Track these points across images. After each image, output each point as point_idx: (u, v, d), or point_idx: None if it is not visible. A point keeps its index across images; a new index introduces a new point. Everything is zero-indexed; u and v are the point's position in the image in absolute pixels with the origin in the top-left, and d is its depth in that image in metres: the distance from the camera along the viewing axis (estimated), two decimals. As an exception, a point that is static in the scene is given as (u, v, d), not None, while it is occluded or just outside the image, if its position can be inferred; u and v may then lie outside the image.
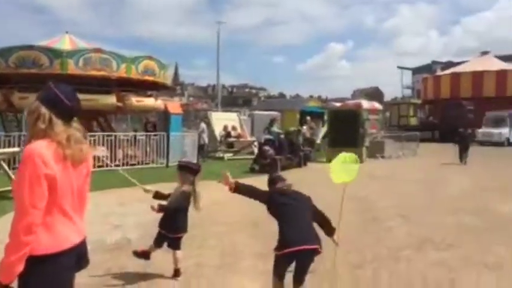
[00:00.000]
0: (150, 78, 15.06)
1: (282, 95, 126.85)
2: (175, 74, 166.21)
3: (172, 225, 4.50)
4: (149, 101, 15.52)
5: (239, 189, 3.82)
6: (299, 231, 3.62)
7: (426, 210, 8.15)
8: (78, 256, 2.34)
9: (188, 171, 4.66)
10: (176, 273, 4.45)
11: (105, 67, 13.68)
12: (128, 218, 7.01)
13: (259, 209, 8.01)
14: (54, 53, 13.22)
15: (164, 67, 15.95)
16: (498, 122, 30.89)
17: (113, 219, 6.96)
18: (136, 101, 14.80)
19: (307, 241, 3.57)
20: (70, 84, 9.68)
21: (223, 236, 6.07)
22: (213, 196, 9.27)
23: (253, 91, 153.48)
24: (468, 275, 4.64)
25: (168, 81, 16.88)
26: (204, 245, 5.69)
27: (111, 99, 14.15)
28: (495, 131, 29.84)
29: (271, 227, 6.68)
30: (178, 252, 4.53)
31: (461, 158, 17.82)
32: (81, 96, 9.14)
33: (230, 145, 20.33)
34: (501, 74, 38.36)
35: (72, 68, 13.17)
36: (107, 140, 13.77)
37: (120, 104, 14.32)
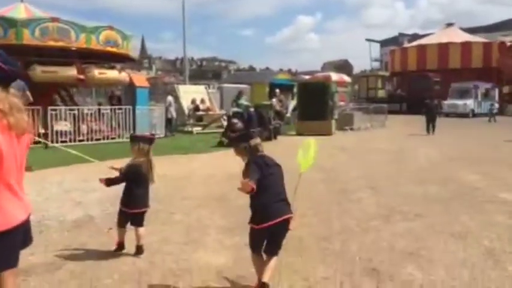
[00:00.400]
0: (113, 50, 14.47)
1: (251, 68, 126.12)
2: (142, 47, 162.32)
3: (130, 200, 4.28)
4: (112, 74, 14.94)
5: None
6: (279, 201, 3.48)
7: (394, 180, 8.19)
8: (24, 233, 2.21)
9: (141, 141, 4.41)
10: (138, 250, 4.26)
11: (63, 37, 13.04)
12: (90, 195, 6.73)
13: (225, 183, 7.91)
14: (8, 22, 12.49)
15: (127, 38, 15.33)
16: (463, 94, 31.58)
17: (75, 196, 6.67)
18: (98, 73, 14.21)
19: (285, 211, 3.45)
20: (27, 55, 9.17)
21: (190, 211, 5.89)
22: (180, 171, 9.10)
23: (223, 64, 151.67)
24: (435, 244, 4.64)
25: (132, 53, 16.26)
26: (169, 220, 5.51)
27: (71, 72, 13.55)
28: (460, 102, 30.51)
29: (237, 201, 6.58)
30: (141, 229, 4.32)
31: (428, 129, 18.16)
32: (39, 68, 8.73)
33: (199, 119, 20.00)
34: (466, 46, 39.02)
35: (28, 37, 12.49)
36: (70, 114, 13.24)
37: (81, 77, 13.74)
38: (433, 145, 14.01)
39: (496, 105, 30.17)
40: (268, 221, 3.36)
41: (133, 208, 4.29)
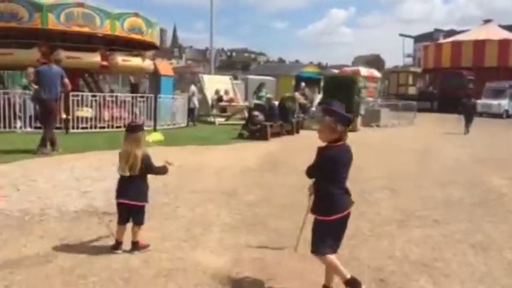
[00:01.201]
0: (137, 37, 14.38)
1: (281, 61, 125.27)
2: (174, 36, 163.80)
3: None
4: (136, 61, 14.88)
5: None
6: (348, 191, 3.28)
7: (416, 182, 7.78)
8: None
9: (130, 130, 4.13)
10: (134, 246, 4.07)
11: (88, 23, 13.01)
12: (99, 184, 6.61)
13: (238, 177, 7.68)
14: (34, 6, 12.52)
15: (152, 25, 15.22)
16: (498, 93, 30.34)
17: (84, 184, 6.55)
18: (122, 60, 14.17)
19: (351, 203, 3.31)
20: (52, 40, 9.04)
21: (196, 205, 5.68)
22: (194, 162, 8.92)
23: (253, 56, 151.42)
24: (452, 256, 4.28)
25: (157, 41, 16.15)
26: (172, 215, 5.31)
27: (95, 58, 13.55)
28: (494, 102, 29.32)
29: (247, 196, 6.35)
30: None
31: (466, 128, 17.51)
32: (63, 53, 8.57)
33: (223, 110, 19.83)
34: (503, 44, 37.46)
35: (53, 22, 12.51)
36: (91, 101, 13.25)
37: (105, 63, 13.73)
38: (461, 146, 13.41)
39: None
40: (342, 211, 3.23)
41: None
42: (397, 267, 3.94)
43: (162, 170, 4.20)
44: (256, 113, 13.96)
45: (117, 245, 4.05)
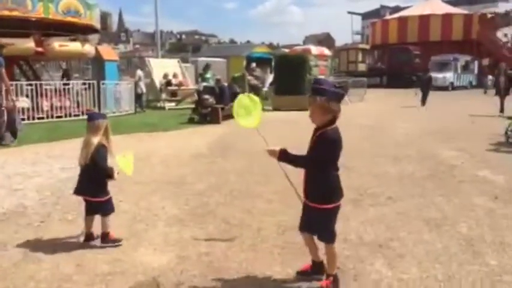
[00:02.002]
0: (74, 20, 13.46)
1: (233, 42, 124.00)
2: (120, 20, 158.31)
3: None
4: (75, 46, 13.97)
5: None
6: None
7: (369, 159, 7.70)
8: None
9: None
10: (103, 238, 3.84)
11: (18, 6, 12.02)
12: (32, 180, 6.07)
13: (187, 165, 7.31)
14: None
15: (90, 7, 14.27)
16: (442, 67, 31.23)
17: (15, 182, 5.98)
18: (59, 45, 13.25)
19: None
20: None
21: (140, 198, 5.28)
22: (140, 150, 8.42)
23: (203, 38, 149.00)
24: (407, 234, 4.15)
25: (97, 24, 15.23)
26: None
27: (28, 44, 12.59)
28: (439, 75, 30.11)
29: (196, 185, 6.01)
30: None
31: (423, 101, 18.19)
32: None
33: (173, 94, 19.19)
34: (447, 18, 38.55)
35: (-22, 7, 11.45)
36: (28, 90, 12.33)
37: (40, 49, 12.79)
38: (411, 120, 13.59)
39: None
40: (339, 198, 3.06)
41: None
42: (353, 251, 3.76)
43: (106, 171, 3.82)
44: (206, 96, 13.53)
45: (88, 237, 3.87)
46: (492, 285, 3.16)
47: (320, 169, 3.00)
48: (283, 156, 3.06)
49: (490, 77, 27.72)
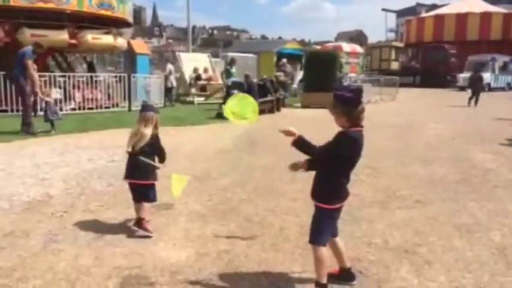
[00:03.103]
0: (107, 13, 13.64)
1: (264, 38, 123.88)
2: (154, 14, 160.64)
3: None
4: (108, 39, 14.15)
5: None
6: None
7: (399, 159, 7.47)
8: None
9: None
10: (137, 223, 3.96)
11: (53, -1, 12.24)
12: (60, 170, 6.14)
13: (212, 159, 7.26)
14: (-7, -18, 11.71)
15: (123, 1, 14.44)
16: (480, 67, 30.15)
17: (42, 171, 6.06)
18: (92, 38, 13.44)
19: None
20: (15, 18, 8.46)
21: (162, 193, 5.20)
22: (167, 144, 8.39)
23: (235, 33, 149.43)
24: (436, 240, 3.97)
25: (129, 17, 15.39)
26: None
27: (62, 36, 12.81)
28: (476, 75, 29.11)
29: (221, 180, 5.95)
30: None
31: (470, 101, 18.32)
32: (28, 31, 8.00)
33: (202, 89, 19.24)
34: (485, 16, 37.28)
35: (16, -1, 11.73)
36: (59, 81, 12.57)
37: (73, 41, 13.01)
38: (444, 121, 13.16)
39: None
40: (343, 200, 3.02)
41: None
42: (377, 255, 3.61)
43: (164, 155, 4.15)
44: (234, 91, 13.45)
45: (136, 222, 3.99)
46: (526, 299, 2.97)
47: (329, 167, 2.88)
48: (300, 140, 2.96)
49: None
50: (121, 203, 4.81)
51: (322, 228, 2.92)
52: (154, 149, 4.05)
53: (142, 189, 4.02)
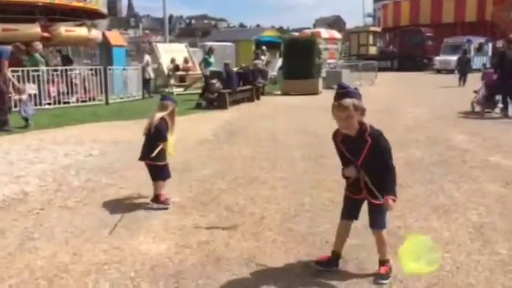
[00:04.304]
0: (79, 4, 13.33)
1: (242, 26, 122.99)
2: (129, 5, 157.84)
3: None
4: (82, 31, 13.85)
5: None
6: None
7: (377, 144, 7.52)
8: None
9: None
10: (154, 199, 4.44)
11: (24, -9, 11.91)
12: (35, 166, 6.02)
13: (192, 150, 7.21)
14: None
15: (96, -9, 14.17)
16: (455, 49, 30.55)
17: (17, 168, 5.93)
18: (65, 30, 13.15)
19: None
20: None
21: (142, 185, 5.15)
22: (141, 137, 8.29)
23: (213, 22, 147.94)
24: (415, 222, 4.03)
25: (103, 8, 15.09)
26: (115, 197, 4.83)
27: (34, 29, 12.50)
28: (452, 58, 29.51)
29: (200, 171, 5.92)
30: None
31: (460, 82, 19.45)
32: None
33: (181, 79, 19.06)
34: (460, -1, 37.66)
35: (-16, -8, 11.38)
36: (33, 76, 12.26)
37: (46, 34, 12.70)
38: (421, 104, 13.32)
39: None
40: None
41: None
42: (358, 240, 3.63)
43: (162, 135, 4.41)
44: (213, 80, 13.37)
45: (154, 198, 4.45)
46: (502, 275, 3.03)
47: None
48: (392, 194, 2.86)
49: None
50: (100, 197, 4.75)
51: (385, 216, 3.05)
52: (158, 130, 4.35)
53: (155, 169, 4.45)
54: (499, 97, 10.92)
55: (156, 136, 4.36)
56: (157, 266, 3.17)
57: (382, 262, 3.05)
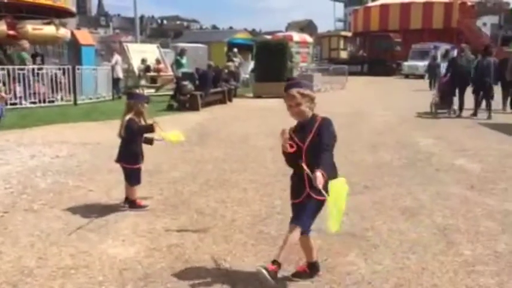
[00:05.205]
0: (47, 2, 13.01)
1: (215, 28, 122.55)
2: (99, 3, 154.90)
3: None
4: (49, 29, 13.52)
5: None
6: None
7: (347, 147, 7.61)
8: None
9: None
10: (130, 204, 4.41)
11: (-13, -13, 11.55)
12: (0, 168, 5.83)
13: (163, 153, 7.13)
14: None
15: (64, -11, 13.86)
16: (423, 55, 31.31)
17: (-19, 170, 5.75)
18: (32, 29, 12.81)
19: None
20: None
21: (111, 187, 5.11)
22: (116, 138, 8.14)
23: (185, 23, 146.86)
24: (383, 224, 4.11)
25: (72, 7, 14.78)
26: (83, 200, 4.74)
27: (0, 27, 12.11)
28: (420, 63, 30.24)
29: (170, 173, 5.87)
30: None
31: (431, 85, 20.37)
32: None
33: (153, 80, 18.84)
34: (427, 6, 38.68)
35: None
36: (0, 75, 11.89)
37: (12, 33, 12.34)
38: (390, 108, 13.59)
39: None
40: None
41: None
42: (326, 242, 3.68)
43: (146, 128, 4.42)
44: (185, 82, 13.29)
45: (124, 200, 4.45)
46: (465, 276, 3.12)
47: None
48: (324, 170, 2.74)
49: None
50: (67, 200, 4.65)
51: (314, 218, 2.96)
52: (129, 131, 4.30)
53: (126, 172, 4.44)
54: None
55: (129, 137, 4.35)
56: (126, 270, 3.13)
57: (274, 262, 2.82)
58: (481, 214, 4.35)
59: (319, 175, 2.68)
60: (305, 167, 2.83)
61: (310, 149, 2.89)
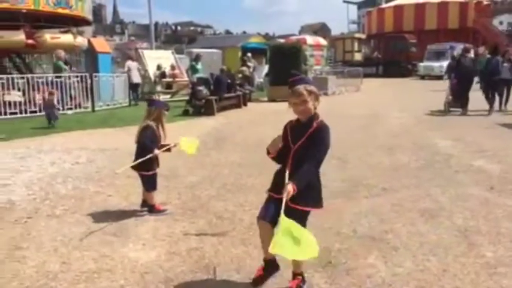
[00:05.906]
0: (65, 11, 13.25)
1: (228, 33, 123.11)
2: (114, 11, 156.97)
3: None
4: (67, 38, 13.76)
5: None
6: None
7: (364, 149, 7.61)
8: None
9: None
10: (149, 209, 4.47)
11: (7, -2, 11.82)
12: (21, 175, 5.96)
13: (179, 157, 7.18)
14: None
15: (81, -2, 14.10)
16: (439, 55, 30.98)
17: (3, 177, 5.86)
18: (50, 37, 13.04)
19: None
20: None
21: (130, 192, 5.17)
22: (130, 145, 8.23)
23: (199, 29, 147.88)
24: (402, 226, 4.08)
25: (88, 15, 15.02)
26: (103, 205, 4.81)
27: (19, 36, 12.37)
28: (436, 64, 29.93)
29: (188, 178, 5.93)
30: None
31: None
32: None
33: (168, 86, 19.01)
34: (442, 6, 38.24)
35: (-34, -2, 11.26)
36: (18, 83, 12.13)
37: (31, 42, 12.58)
38: (405, 109, 13.48)
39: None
40: None
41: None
42: (345, 245, 3.68)
43: (145, 146, 4.41)
44: (200, 87, 13.38)
45: (141, 204, 4.54)
46: (488, 278, 3.09)
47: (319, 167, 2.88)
48: (298, 185, 2.67)
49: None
50: (88, 205, 4.73)
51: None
52: (141, 141, 4.41)
53: (142, 178, 4.49)
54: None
55: (142, 146, 4.42)
56: (147, 274, 3.18)
57: (294, 275, 2.86)
58: (502, 215, 4.30)
59: (290, 189, 2.61)
60: (287, 173, 2.82)
61: (299, 152, 2.84)
